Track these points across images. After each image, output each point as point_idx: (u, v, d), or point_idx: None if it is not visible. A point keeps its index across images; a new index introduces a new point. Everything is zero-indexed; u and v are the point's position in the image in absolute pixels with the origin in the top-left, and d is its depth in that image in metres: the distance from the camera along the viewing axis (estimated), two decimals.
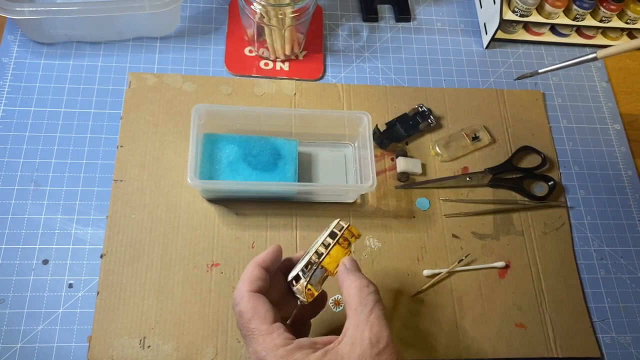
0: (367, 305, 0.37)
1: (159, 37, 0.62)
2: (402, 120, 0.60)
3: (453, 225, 0.56)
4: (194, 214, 0.53)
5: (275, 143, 0.54)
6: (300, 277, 0.40)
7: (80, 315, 0.48)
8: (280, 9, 0.55)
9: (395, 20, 0.69)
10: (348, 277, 0.39)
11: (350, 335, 0.36)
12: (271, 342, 0.36)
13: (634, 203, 0.61)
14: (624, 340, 0.54)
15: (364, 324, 0.36)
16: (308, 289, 0.40)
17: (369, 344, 0.35)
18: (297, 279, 0.40)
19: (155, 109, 0.57)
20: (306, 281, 0.40)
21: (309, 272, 0.40)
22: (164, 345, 0.47)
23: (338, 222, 0.42)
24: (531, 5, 0.65)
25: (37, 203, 0.52)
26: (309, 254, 0.41)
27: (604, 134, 0.65)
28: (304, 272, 0.40)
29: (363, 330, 0.35)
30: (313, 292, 0.40)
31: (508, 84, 0.66)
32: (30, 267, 0.49)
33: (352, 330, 0.36)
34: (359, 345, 0.35)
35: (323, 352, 0.35)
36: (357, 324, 0.36)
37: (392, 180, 0.58)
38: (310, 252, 0.41)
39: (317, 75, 0.63)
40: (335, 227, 0.42)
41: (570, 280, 0.55)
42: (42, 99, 0.57)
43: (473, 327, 0.52)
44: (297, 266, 0.41)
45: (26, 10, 0.53)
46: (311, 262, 0.40)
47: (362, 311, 0.36)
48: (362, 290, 0.38)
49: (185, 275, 0.50)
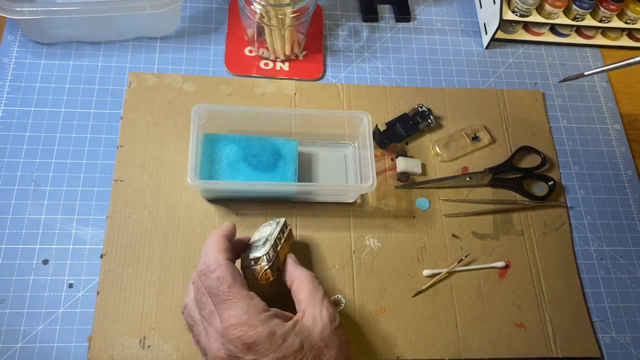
0: (320, 292, 0.43)
1: (159, 37, 0.62)
2: (402, 120, 0.60)
3: (453, 225, 0.56)
4: (194, 214, 0.53)
5: (275, 143, 0.54)
6: (264, 260, 0.44)
7: (80, 315, 0.48)
8: (280, 9, 0.55)
9: (395, 20, 0.69)
10: (298, 267, 0.45)
11: (310, 313, 0.41)
12: (254, 307, 0.39)
13: (634, 203, 0.61)
14: (624, 340, 0.54)
15: (320, 305, 0.42)
16: (265, 273, 0.44)
17: (329, 320, 0.41)
18: (257, 261, 0.44)
19: (155, 109, 0.57)
20: (267, 266, 0.44)
21: (272, 259, 0.44)
22: (164, 345, 0.47)
23: (285, 221, 0.49)
24: (531, 5, 0.65)
25: (37, 203, 0.52)
26: (269, 242, 0.45)
27: (604, 134, 0.65)
28: (268, 257, 0.44)
29: (321, 309, 0.42)
30: (269, 277, 0.44)
31: (508, 84, 0.66)
32: (30, 267, 0.49)
33: (311, 309, 0.41)
34: (319, 321, 0.41)
35: (293, 322, 0.40)
36: (314, 305, 0.42)
37: (392, 180, 0.58)
38: (268, 240, 0.45)
39: (317, 75, 0.63)
40: (284, 225, 0.48)
41: (570, 280, 0.55)
42: (42, 99, 0.57)
43: (473, 327, 0.52)
44: (258, 249, 0.45)
45: (26, 10, 0.53)
46: (274, 250, 0.45)
47: (317, 295, 0.43)
48: (313, 279, 0.44)
49: (185, 275, 0.50)
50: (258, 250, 0.45)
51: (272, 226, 0.48)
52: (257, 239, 0.47)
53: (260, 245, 0.45)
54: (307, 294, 0.43)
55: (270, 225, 0.48)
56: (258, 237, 0.47)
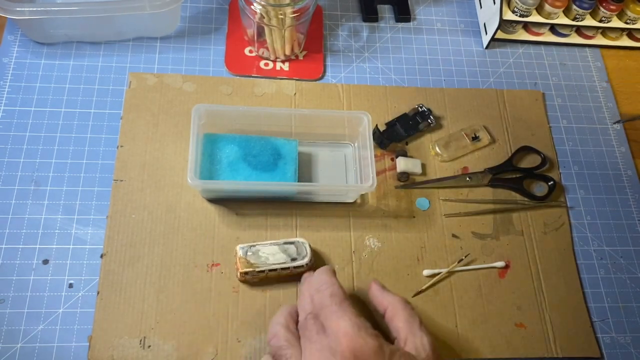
0: (416, 318, 0.43)
1: (159, 37, 0.62)
2: (402, 120, 0.60)
3: (453, 225, 0.56)
4: (194, 214, 0.53)
5: (275, 143, 0.54)
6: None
7: (80, 315, 0.48)
8: (280, 9, 0.55)
9: (395, 21, 0.69)
10: (387, 293, 0.46)
11: (412, 343, 0.41)
12: (363, 322, 0.40)
13: (634, 203, 0.61)
14: (624, 340, 0.54)
15: (420, 333, 0.42)
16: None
17: (431, 350, 0.41)
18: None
19: (155, 109, 0.57)
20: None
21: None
22: (165, 345, 0.47)
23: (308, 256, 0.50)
24: (531, 5, 0.65)
25: (38, 203, 0.52)
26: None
27: (603, 134, 0.65)
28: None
29: (421, 337, 0.42)
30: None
31: (508, 84, 0.66)
32: (30, 267, 0.49)
33: (412, 339, 0.42)
34: (422, 350, 0.41)
35: (397, 346, 0.41)
36: (414, 333, 0.42)
37: (392, 180, 0.58)
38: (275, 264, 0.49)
39: (317, 75, 0.63)
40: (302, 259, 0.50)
41: (570, 280, 0.55)
42: (42, 99, 0.57)
43: (473, 326, 0.52)
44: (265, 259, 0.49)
45: (26, 10, 0.53)
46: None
47: (414, 323, 0.43)
48: (406, 305, 0.44)
49: (186, 275, 0.50)
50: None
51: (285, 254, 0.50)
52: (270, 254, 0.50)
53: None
54: (404, 323, 0.43)
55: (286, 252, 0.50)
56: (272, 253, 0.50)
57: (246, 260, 0.48)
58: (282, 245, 0.50)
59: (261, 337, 0.49)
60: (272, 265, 0.48)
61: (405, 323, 0.42)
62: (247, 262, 0.48)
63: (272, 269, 0.49)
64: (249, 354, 0.48)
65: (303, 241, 0.50)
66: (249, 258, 0.49)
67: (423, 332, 0.42)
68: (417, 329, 0.42)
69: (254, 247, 0.49)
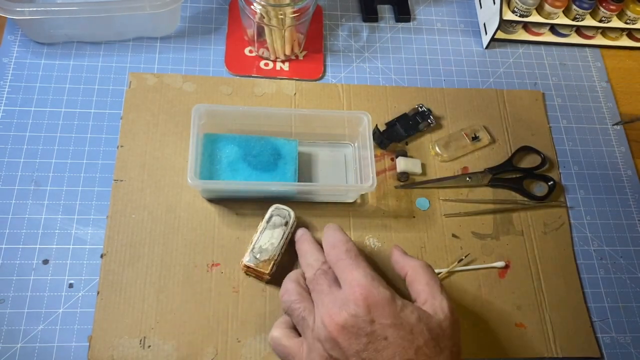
0: (437, 281, 0.43)
1: (159, 37, 0.62)
2: (402, 120, 0.60)
3: (453, 225, 0.56)
4: (194, 214, 0.53)
5: (275, 143, 0.54)
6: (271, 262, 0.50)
7: (80, 315, 0.48)
8: (280, 9, 0.55)
9: (395, 21, 0.69)
10: (409, 257, 0.45)
11: (430, 304, 0.41)
12: (377, 275, 0.41)
13: (634, 203, 0.61)
14: (624, 340, 0.54)
15: (440, 296, 0.41)
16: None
17: (449, 312, 0.40)
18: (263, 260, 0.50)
19: (155, 109, 0.57)
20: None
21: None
22: (165, 345, 0.47)
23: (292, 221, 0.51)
24: (531, 5, 0.65)
25: (38, 203, 0.52)
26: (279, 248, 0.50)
27: (603, 134, 0.65)
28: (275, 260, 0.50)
29: (441, 301, 0.41)
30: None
31: (508, 84, 0.66)
32: (30, 267, 0.49)
33: (431, 301, 0.41)
34: (440, 311, 0.40)
35: (409, 302, 0.40)
36: (434, 296, 0.41)
37: (392, 180, 0.58)
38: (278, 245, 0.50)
39: (317, 75, 0.63)
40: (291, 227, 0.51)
41: (570, 280, 0.55)
42: (42, 99, 0.57)
43: (473, 327, 0.52)
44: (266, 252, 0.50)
45: (26, 10, 0.53)
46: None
47: (434, 285, 0.42)
48: (428, 268, 0.44)
49: (186, 275, 0.50)
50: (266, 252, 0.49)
51: (281, 229, 0.50)
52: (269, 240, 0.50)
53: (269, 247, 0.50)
54: (424, 285, 0.42)
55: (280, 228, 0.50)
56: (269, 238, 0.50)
57: (262, 262, 0.49)
58: (268, 224, 0.50)
59: (261, 337, 0.49)
60: (281, 246, 0.49)
61: (425, 286, 0.42)
62: (264, 262, 0.49)
63: (283, 248, 0.50)
64: (249, 354, 0.48)
65: (275, 206, 0.51)
66: (261, 258, 0.49)
67: (443, 296, 0.41)
68: (438, 292, 0.41)
69: (253, 248, 0.49)
